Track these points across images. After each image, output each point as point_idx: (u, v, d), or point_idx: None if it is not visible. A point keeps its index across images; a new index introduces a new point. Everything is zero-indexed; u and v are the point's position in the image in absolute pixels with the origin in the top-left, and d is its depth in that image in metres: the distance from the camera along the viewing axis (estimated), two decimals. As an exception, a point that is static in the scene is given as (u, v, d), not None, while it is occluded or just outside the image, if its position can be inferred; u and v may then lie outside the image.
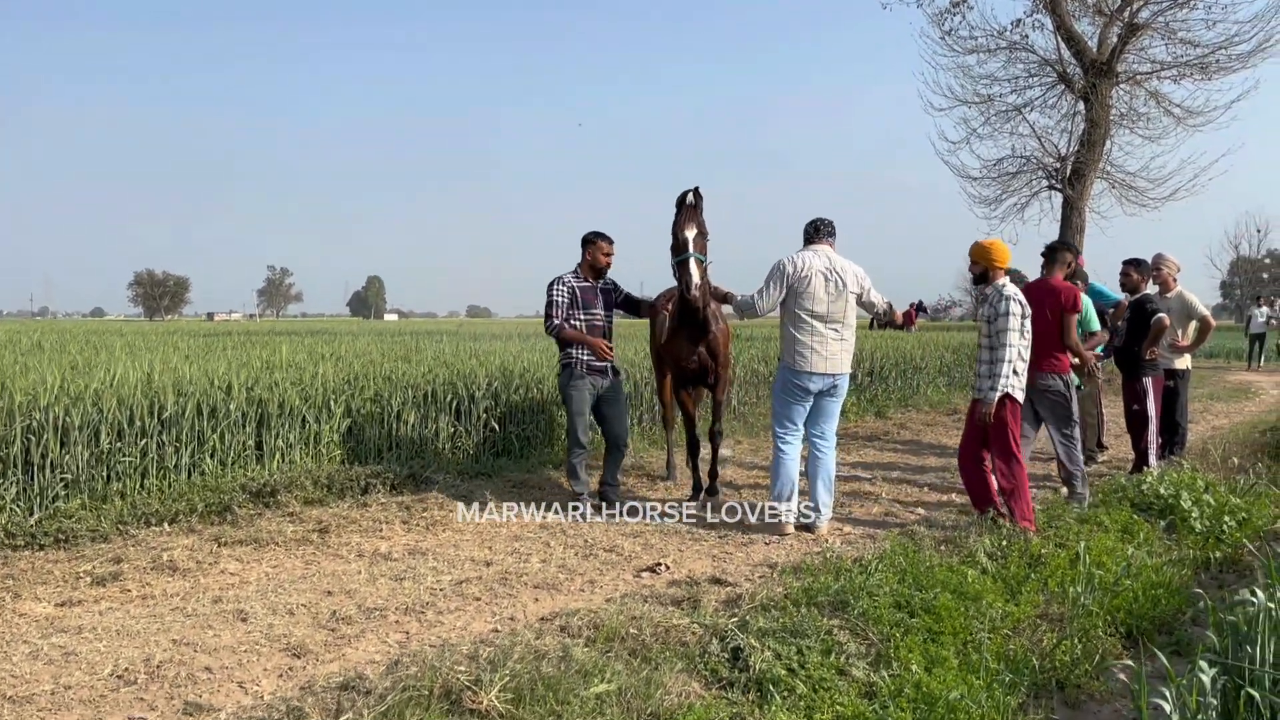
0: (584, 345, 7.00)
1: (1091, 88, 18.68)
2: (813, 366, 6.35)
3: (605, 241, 7.14)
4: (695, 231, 6.61)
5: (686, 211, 6.70)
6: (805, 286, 6.32)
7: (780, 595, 4.71)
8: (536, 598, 4.95)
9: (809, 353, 6.34)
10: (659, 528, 6.57)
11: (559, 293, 7.07)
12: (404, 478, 7.54)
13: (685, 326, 7.01)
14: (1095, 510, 6.77)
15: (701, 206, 6.75)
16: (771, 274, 6.41)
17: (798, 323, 6.35)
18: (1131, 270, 8.66)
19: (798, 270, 6.33)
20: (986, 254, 6.42)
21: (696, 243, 6.60)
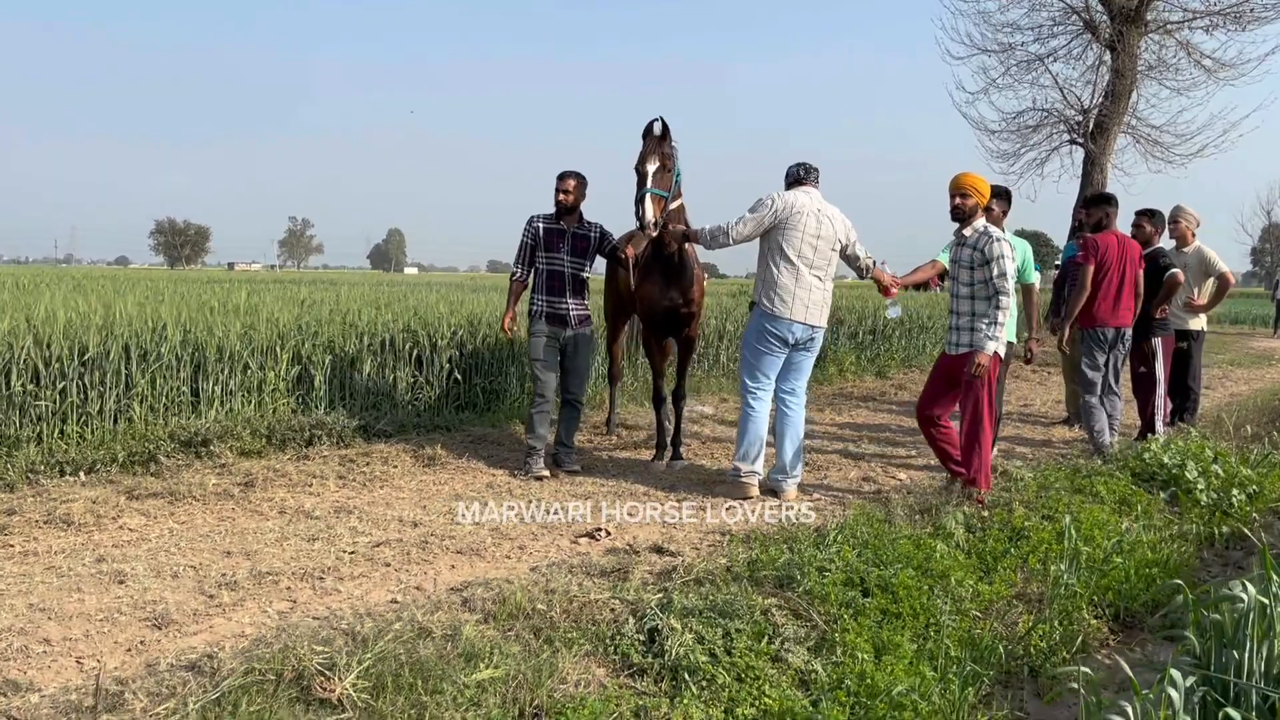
0: (542, 291, 6.50)
1: (1118, 36, 17.77)
2: (793, 314, 5.80)
3: (561, 178, 6.58)
4: (657, 165, 6.06)
5: (649, 143, 6.14)
6: (794, 225, 5.76)
7: (722, 568, 4.21)
8: (454, 564, 4.47)
9: (790, 299, 5.79)
10: (614, 488, 6.08)
11: (526, 234, 6.59)
12: (354, 430, 7.09)
13: (657, 267, 6.46)
14: (1090, 479, 6.23)
15: (669, 138, 6.18)
16: (756, 206, 5.84)
17: (781, 263, 5.79)
18: (1144, 221, 8.02)
19: (788, 206, 5.77)
20: (974, 186, 5.78)
21: (658, 177, 6.05)
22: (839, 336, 13.30)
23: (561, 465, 6.60)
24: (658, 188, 6.05)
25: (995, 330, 5.61)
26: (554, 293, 6.52)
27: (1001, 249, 5.59)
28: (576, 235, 6.62)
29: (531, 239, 6.56)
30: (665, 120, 6.14)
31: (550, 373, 6.58)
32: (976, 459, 5.73)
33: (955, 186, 5.78)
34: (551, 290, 6.52)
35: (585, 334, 6.73)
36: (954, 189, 5.78)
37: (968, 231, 5.74)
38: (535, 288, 6.56)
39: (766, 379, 5.92)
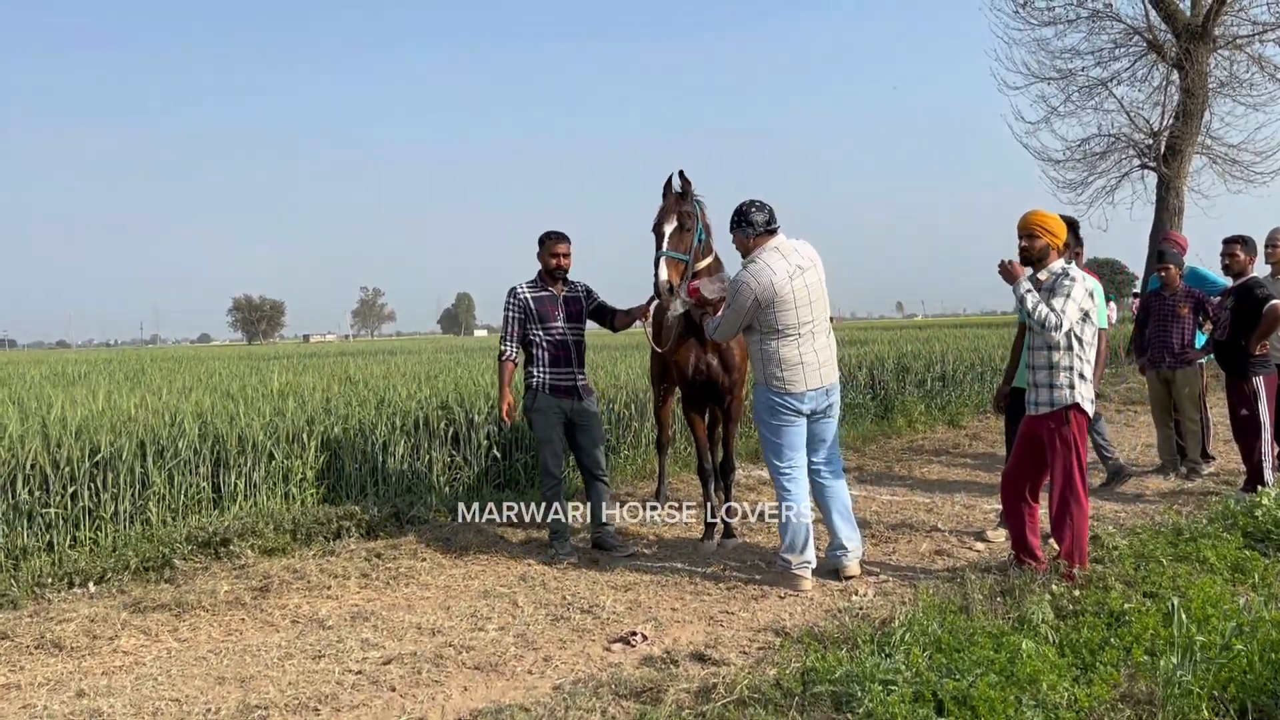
0: (544, 364, 6.07)
1: (1185, 54, 17.01)
2: (806, 383, 5.22)
3: (554, 240, 6.15)
4: (674, 225, 5.59)
5: (667, 200, 5.70)
6: (781, 300, 5.16)
7: (770, 681, 3.64)
8: (468, 685, 3.97)
9: (799, 369, 5.21)
10: (657, 577, 5.53)
11: (512, 309, 6.14)
12: (385, 518, 6.67)
13: (692, 331, 5.97)
14: (1196, 543, 5.50)
15: (690, 194, 5.71)
16: (738, 299, 5.22)
17: (779, 339, 5.20)
18: (1237, 249, 7.30)
19: (766, 287, 5.14)
20: (1044, 225, 5.06)
21: (675, 238, 5.58)
22: (906, 385, 12.62)
23: (608, 549, 6.10)
24: (675, 250, 5.57)
25: (1075, 379, 4.96)
26: (559, 364, 6.08)
27: (1072, 289, 4.92)
28: (568, 299, 6.18)
29: (520, 312, 6.12)
30: (685, 174, 5.68)
31: (559, 451, 6.14)
32: (1069, 533, 5.04)
33: (1022, 226, 5.10)
34: (556, 362, 6.08)
35: (592, 403, 6.32)
36: (1021, 229, 5.11)
37: (1042, 276, 5.09)
38: (533, 361, 6.13)
39: (794, 455, 5.32)
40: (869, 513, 7.25)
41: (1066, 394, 4.95)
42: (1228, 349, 7.18)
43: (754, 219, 5.29)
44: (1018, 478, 5.29)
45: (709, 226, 5.88)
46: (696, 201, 5.76)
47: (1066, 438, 5.00)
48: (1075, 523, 5.03)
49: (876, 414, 11.94)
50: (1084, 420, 5.02)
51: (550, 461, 6.10)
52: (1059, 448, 5.02)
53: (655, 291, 5.60)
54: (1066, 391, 4.96)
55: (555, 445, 6.13)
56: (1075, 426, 4.99)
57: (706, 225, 5.85)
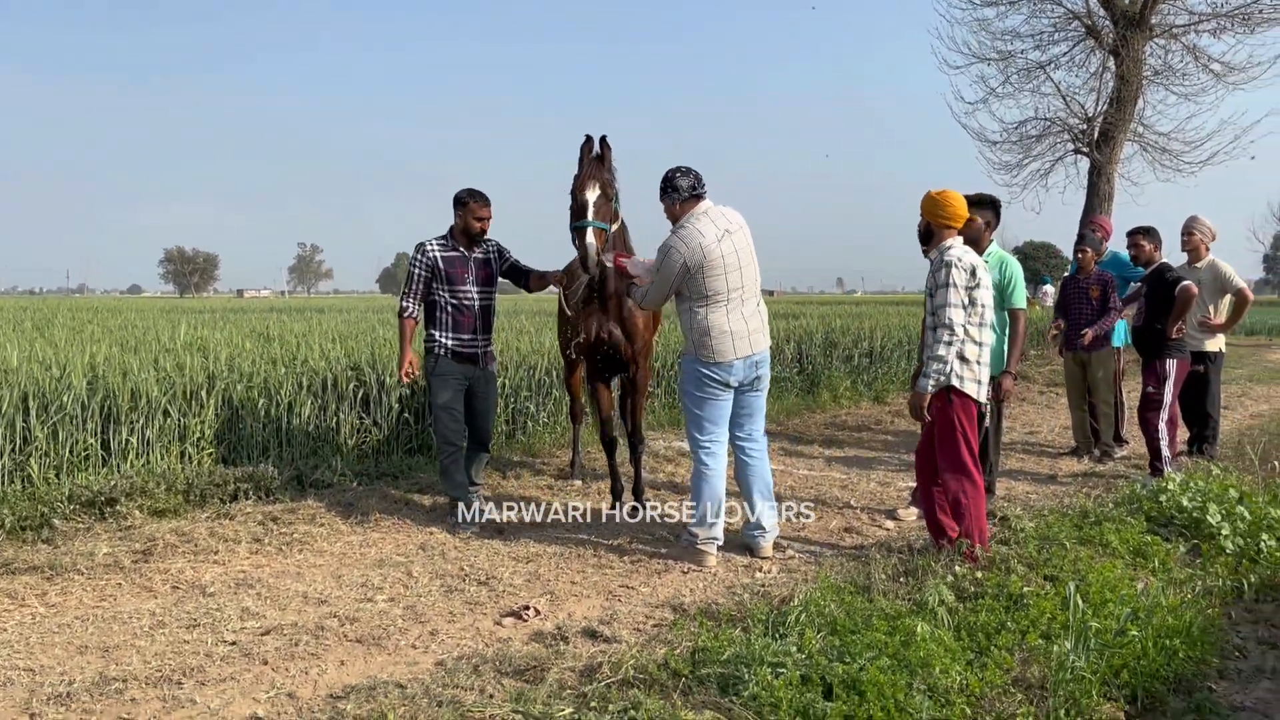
0: (447, 328, 5.88)
1: (1122, 41, 17.12)
2: (735, 352, 5.07)
3: (478, 203, 5.94)
4: (598, 193, 5.39)
5: (587, 165, 5.48)
6: (709, 265, 5.00)
7: (658, 662, 3.53)
8: (346, 659, 3.79)
9: (727, 338, 5.05)
10: (561, 550, 5.39)
11: (419, 265, 5.90)
12: (287, 481, 6.43)
13: (594, 298, 5.81)
14: (1100, 527, 5.52)
15: (609, 159, 5.52)
16: (666, 264, 5.05)
17: (707, 306, 5.05)
18: (1141, 239, 7.34)
19: (695, 252, 4.97)
20: (933, 207, 4.98)
21: (599, 206, 5.39)
22: (833, 360, 12.62)
23: (467, 504, 5.99)
24: (599, 219, 5.39)
25: (934, 367, 4.86)
26: (464, 329, 5.89)
27: (946, 275, 4.83)
28: (479, 261, 5.98)
29: (428, 270, 5.89)
30: (605, 138, 5.49)
31: (459, 418, 5.97)
32: (967, 516, 5.01)
33: (921, 207, 5.09)
34: (460, 327, 5.89)
35: (493, 371, 6.19)
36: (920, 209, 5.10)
37: (932, 255, 5.05)
38: (435, 324, 5.91)
39: (716, 428, 5.18)
40: (784, 487, 7.19)
41: (941, 378, 4.89)
42: (1144, 333, 7.23)
43: (679, 184, 5.13)
44: (930, 456, 5.24)
45: (618, 192, 5.71)
46: (613, 169, 5.58)
47: (949, 418, 4.96)
48: (969, 503, 4.99)
49: (802, 388, 11.93)
50: (967, 402, 4.95)
51: (450, 429, 5.92)
52: (942, 429, 5.00)
53: (583, 265, 5.41)
54: (942, 375, 4.89)
55: (456, 412, 5.95)
56: (958, 408, 4.94)
57: (617, 191, 5.68)
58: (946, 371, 4.87)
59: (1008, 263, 6.12)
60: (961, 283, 4.83)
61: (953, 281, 4.81)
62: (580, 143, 5.58)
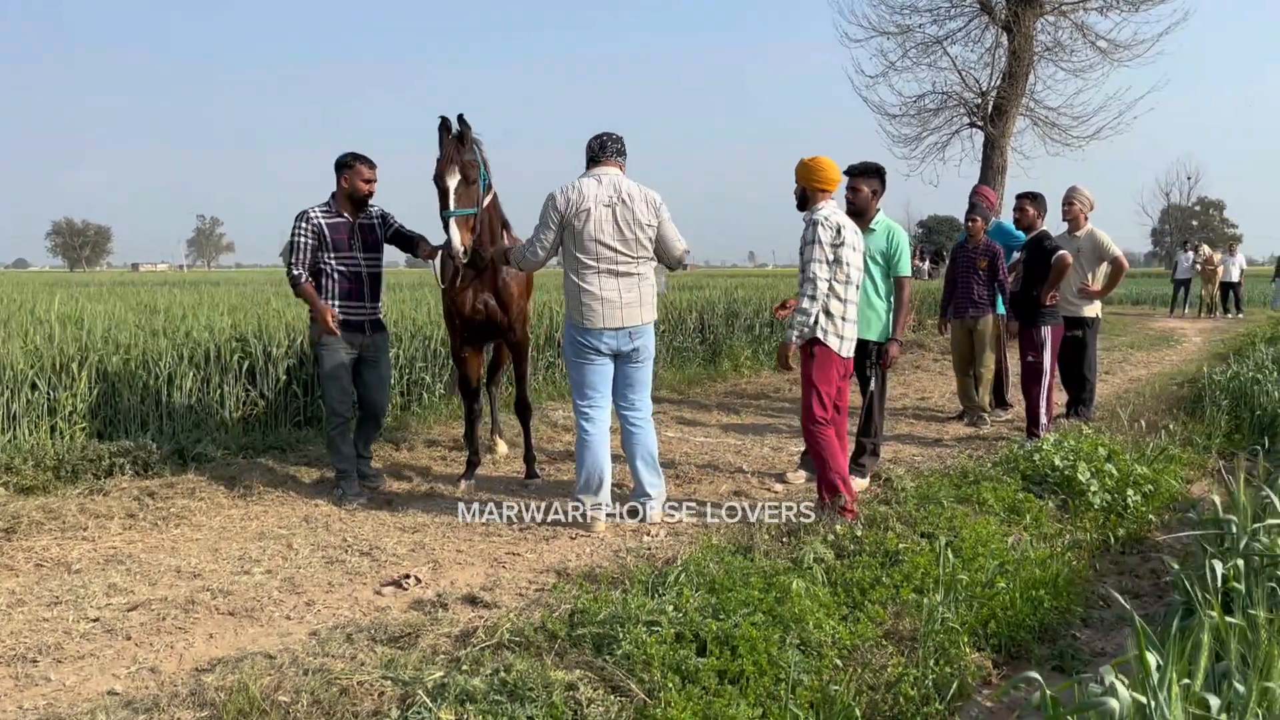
0: (333, 295, 5.74)
1: (1014, 17, 17.56)
2: (604, 321, 5.07)
3: (365, 165, 5.81)
4: (458, 179, 5.28)
5: (446, 148, 5.34)
6: (584, 222, 5.00)
7: (536, 625, 3.53)
8: (216, 632, 3.71)
9: (597, 304, 5.05)
10: (447, 520, 5.35)
11: (303, 233, 5.72)
12: (167, 455, 6.23)
13: (467, 269, 5.75)
14: (978, 486, 5.70)
15: (469, 137, 5.40)
16: (542, 213, 5.08)
17: (580, 268, 5.05)
18: (1027, 204, 7.56)
19: (572, 203, 4.99)
20: (805, 173, 5.21)
21: (460, 193, 5.29)
22: (734, 330, 12.74)
23: (363, 476, 5.95)
24: (462, 206, 5.30)
25: (798, 318, 5.08)
26: (351, 297, 5.77)
27: (812, 233, 5.04)
28: (364, 227, 5.87)
29: (314, 237, 5.73)
30: (463, 116, 5.38)
31: (347, 388, 5.87)
32: (829, 471, 5.18)
33: (795, 173, 5.31)
34: (348, 295, 5.76)
35: (383, 339, 6.07)
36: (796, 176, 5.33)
37: (804, 219, 5.21)
38: (322, 293, 5.74)
39: (597, 394, 5.20)
40: (680, 454, 7.25)
41: (809, 328, 5.09)
42: (1021, 300, 7.45)
43: (588, 147, 5.21)
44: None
45: (486, 162, 5.59)
46: (475, 143, 5.48)
47: (808, 372, 5.17)
48: (831, 456, 5.17)
49: (704, 358, 12.03)
50: (829, 355, 5.13)
51: (337, 400, 5.80)
52: (804, 381, 5.21)
53: (449, 255, 5.33)
54: (799, 320, 5.09)
55: (344, 382, 5.83)
56: (819, 360, 5.14)
57: (485, 161, 5.56)
58: (810, 324, 5.07)
59: (894, 232, 6.23)
60: (826, 239, 5.02)
61: (817, 238, 5.01)
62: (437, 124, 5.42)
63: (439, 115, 5.33)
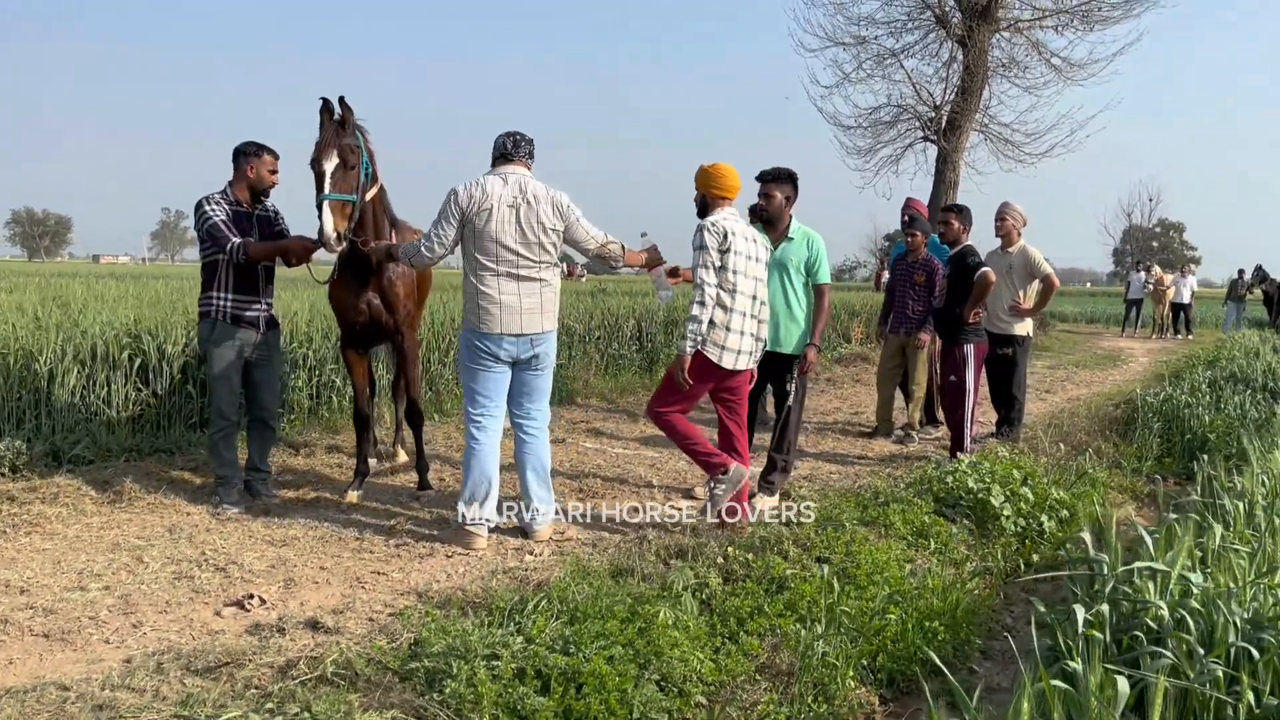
0: (228, 288, 5.41)
1: (969, 32, 17.51)
2: (502, 326, 4.80)
3: (272, 155, 5.51)
4: (335, 162, 4.97)
5: (326, 130, 5.03)
6: (485, 222, 4.73)
7: (367, 657, 3.24)
8: (19, 657, 3.38)
9: (495, 309, 4.79)
10: (325, 532, 5.04)
11: (216, 211, 5.38)
12: (39, 456, 5.88)
13: (349, 268, 5.45)
14: (887, 508, 5.48)
15: (351, 121, 5.09)
16: (442, 207, 4.80)
17: (478, 270, 4.79)
18: (952, 218, 7.36)
19: (474, 200, 4.74)
20: (705, 179, 5.19)
21: (338, 177, 4.97)
22: (673, 339, 12.48)
23: (258, 495, 5.62)
24: (339, 191, 5.00)
25: (690, 326, 5.02)
26: (246, 291, 5.46)
27: (699, 239, 5.01)
28: (262, 219, 5.58)
29: (226, 216, 5.41)
30: (344, 99, 5.09)
31: (236, 389, 5.55)
32: (690, 447, 5.33)
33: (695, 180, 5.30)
34: (242, 288, 5.45)
35: (276, 336, 5.78)
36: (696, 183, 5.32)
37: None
38: (215, 284, 5.43)
39: (489, 403, 4.92)
40: (592, 465, 7.00)
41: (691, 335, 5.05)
42: (943, 316, 7.27)
43: (497, 142, 4.96)
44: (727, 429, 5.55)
45: (373, 153, 5.29)
46: (359, 131, 5.19)
47: (671, 367, 5.19)
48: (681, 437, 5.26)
49: (640, 366, 11.78)
50: (699, 358, 5.06)
51: (225, 401, 5.48)
52: (665, 378, 5.27)
53: (320, 240, 5.01)
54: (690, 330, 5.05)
55: (233, 383, 5.51)
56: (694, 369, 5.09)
57: (370, 152, 5.26)
58: (702, 332, 5.03)
59: (814, 239, 6.01)
60: (713, 245, 4.97)
61: (704, 244, 4.98)
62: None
63: (320, 97, 5.03)
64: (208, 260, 5.42)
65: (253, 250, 5.32)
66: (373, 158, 5.24)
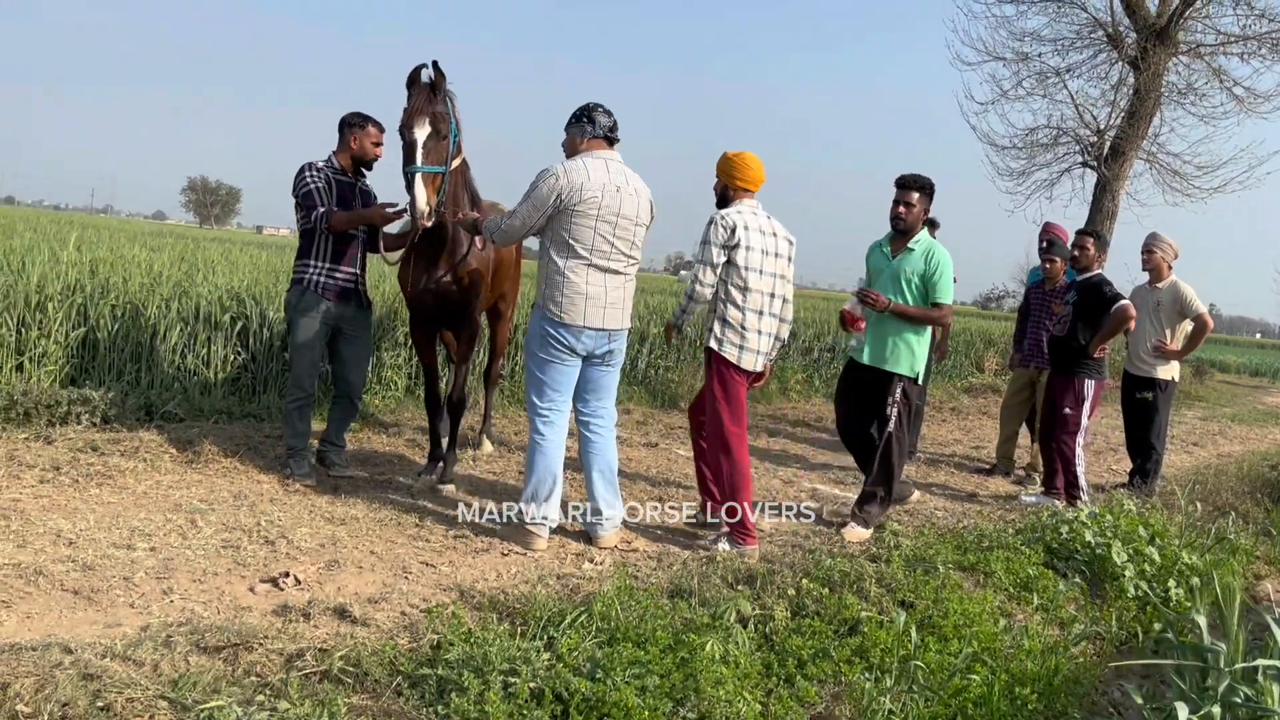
0: (325, 257, 5.31)
1: (1143, 53, 16.36)
2: (586, 319, 4.51)
3: (376, 127, 5.38)
4: (428, 130, 4.76)
5: (416, 97, 4.81)
6: (584, 210, 4.43)
7: (379, 656, 3.01)
8: (39, 611, 3.27)
9: (580, 299, 4.49)
10: (382, 515, 4.87)
11: (315, 180, 5.27)
12: (133, 408, 5.93)
13: (422, 242, 5.25)
14: (989, 554, 4.97)
15: (443, 87, 4.87)
16: (536, 184, 4.48)
17: (568, 257, 4.48)
18: (1089, 242, 6.71)
19: (574, 186, 4.41)
20: (727, 168, 4.94)
21: (429, 147, 4.76)
22: (790, 352, 12.03)
23: (330, 465, 5.52)
24: (430, 162, 4.78)
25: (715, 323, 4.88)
26: (342, 261, 5.35)
27: (705, 233, 4.80)
28: (365, 193, 5.46)
29: (325, 183, 5.29)
30: (438, 63, 4.86)
31: (318, 361, 5.45)
32: (725, 489, 4.92)
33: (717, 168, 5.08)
34: (339, 257, 5.33)
35: (367, 313, 5.65)
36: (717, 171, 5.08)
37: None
38: (312, 253, 5.31)
39: (558, 396, 4.63)
40: (679, 474, 6.68)
41: (707, 336, 4.90)
42: (1063, 345, 6.64)
43: (596, 118, 4.62)
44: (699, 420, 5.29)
45: (460, 122, 5.07)
46: (449, 96, 4.97)
47: (710, 383, 4.93)
48: (728, 479, 4.89)
49: (753, 375, 11.36)
50: (728, 369, 4.85)
51: (305, 372, 5.39)
52: (707, 394, 4.98)
53: (412, 217, 4.81)
54: (708, 335, 4.90)
55: (314, 354, 5.41)
56: (718, 373, 4.88)
57: (458, 120, 5.04)
58: (681, 314, 5.04)
59: (933, 252, 5.54)
60: (717, 239, 4.75)
61: (708, 238, 4.78)
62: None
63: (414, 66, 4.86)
64: (304, 228, 5.34)
65: (335, 219, 5.20)
66: (459, 125, 5.03)
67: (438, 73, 4.83)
